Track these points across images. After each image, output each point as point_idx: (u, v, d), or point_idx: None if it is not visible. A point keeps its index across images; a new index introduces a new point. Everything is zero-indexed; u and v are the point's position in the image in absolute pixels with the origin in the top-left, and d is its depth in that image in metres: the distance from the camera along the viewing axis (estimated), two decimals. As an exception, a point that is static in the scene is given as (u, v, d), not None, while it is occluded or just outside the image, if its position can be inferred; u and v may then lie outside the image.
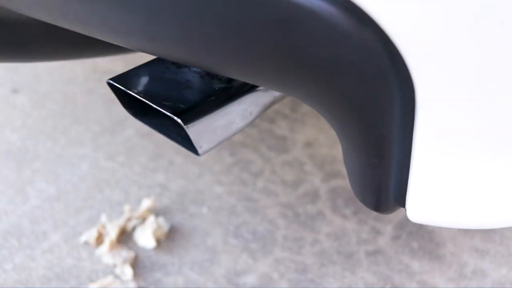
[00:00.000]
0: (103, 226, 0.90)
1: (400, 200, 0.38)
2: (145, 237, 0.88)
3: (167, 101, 0.41)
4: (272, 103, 0.47)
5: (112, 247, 0.87)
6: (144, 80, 0.44)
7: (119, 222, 0.90)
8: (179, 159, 1.05)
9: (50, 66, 1.34)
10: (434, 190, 0.36)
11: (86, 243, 0.89)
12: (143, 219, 0.92)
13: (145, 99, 0.41)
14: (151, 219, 0.90)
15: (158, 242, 0.89)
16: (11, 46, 0.60)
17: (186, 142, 0.42)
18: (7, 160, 1.06)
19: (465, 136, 0.32)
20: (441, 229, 0.93)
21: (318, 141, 1.12)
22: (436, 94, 0.30)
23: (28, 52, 0.62)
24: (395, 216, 0.95)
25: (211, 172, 1.02)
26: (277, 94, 0.47)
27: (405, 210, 0.38)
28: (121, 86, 0.42)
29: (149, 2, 0.33)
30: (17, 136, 1.12)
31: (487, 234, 0.92)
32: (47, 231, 0.92)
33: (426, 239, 0.91)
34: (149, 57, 0.51)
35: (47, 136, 1.12)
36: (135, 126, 1.11)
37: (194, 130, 0.40)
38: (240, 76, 0.39)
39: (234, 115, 0.44)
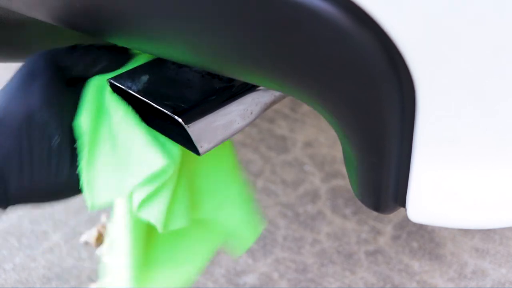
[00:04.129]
0: (103, 226, 0.90)
1: (400, 200, 0.38)
2: (145, 237, 0.88)
3: (167, 100, 0.41)
4: (273, 102, 0.47)
5: (112, 247, 0.86)
6: (144, 80, 0.44)
7: (119, 222, 0.90)
8: (179, 159, 1.05)
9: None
10: (435, 190, 0.36)
11: (86, 243, 0.89)
12: (143, 219, 0.92)
13: (146, 98, 0.41)
14: (151, 219, 0.90)
15: (158, 242, 0.89)
16: (11, 46, 0.60)
17: (187, 142, 0.42)
18: (7, 160, 1.06)
19: (465, 136, 0.32)
20: (441, 229, 0.93)
21: (318, 141, 1.12)
22: (437, 94, 0.30)
23: (28, 52, 0.62)
24: (395, 216, 0.95)
25: (211, 172, 1.02)
26: (277, 93, 0.47)
27: (405, 210, 0.38)
28: (121, 85, 0.42)
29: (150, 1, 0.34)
30: (17, 136, 1.12)
31: (487, 234, 0.92)
32: (47, 231, 0.92)
33: (426, 239, 0.91)
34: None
35: (47, 136, 1.12)
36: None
37: (195, 129, 0.40)
38: (241, 76, 0.39)
39: (235, 115, 0.43)
